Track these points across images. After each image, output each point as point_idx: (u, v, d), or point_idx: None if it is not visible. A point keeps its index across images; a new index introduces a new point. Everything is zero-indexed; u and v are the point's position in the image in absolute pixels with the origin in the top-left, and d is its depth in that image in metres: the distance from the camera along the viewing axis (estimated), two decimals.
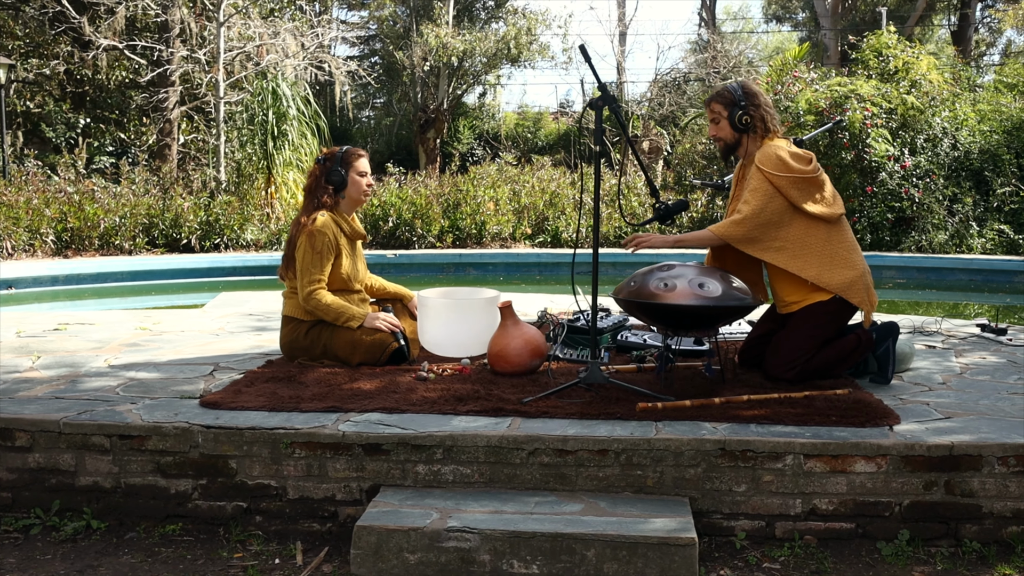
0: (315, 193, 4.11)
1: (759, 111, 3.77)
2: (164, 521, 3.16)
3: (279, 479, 3.10)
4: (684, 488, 3.00)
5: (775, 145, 3.72)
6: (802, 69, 13.48)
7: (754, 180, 3.71)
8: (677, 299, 3.39)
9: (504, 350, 3.75)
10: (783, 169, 3.64)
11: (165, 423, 3.14)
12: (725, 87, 3.85)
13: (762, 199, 3.65)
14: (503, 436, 3.01)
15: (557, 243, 12.35)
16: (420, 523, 2.74)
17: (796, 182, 3.64)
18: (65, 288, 9.85)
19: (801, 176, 3.64)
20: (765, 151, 3.70)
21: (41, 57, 17.83)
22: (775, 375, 3.69)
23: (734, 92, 3.80)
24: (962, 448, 2.94)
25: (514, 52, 24.40)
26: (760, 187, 3.67)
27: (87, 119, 18.00)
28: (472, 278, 11.35)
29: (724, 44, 27.00)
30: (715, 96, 3.84)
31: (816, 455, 2.96)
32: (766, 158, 3.67)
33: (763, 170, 3.67)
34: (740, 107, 3.76)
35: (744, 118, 3.76)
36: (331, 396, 3.44)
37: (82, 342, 4.73)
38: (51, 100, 17.91)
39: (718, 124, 3.85)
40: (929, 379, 3.91)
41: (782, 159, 3.65)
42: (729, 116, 3.79)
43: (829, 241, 3.70)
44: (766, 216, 3.65)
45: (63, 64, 17.04)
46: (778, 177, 3.64)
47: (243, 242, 11.36)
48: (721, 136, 3.85)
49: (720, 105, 3.81)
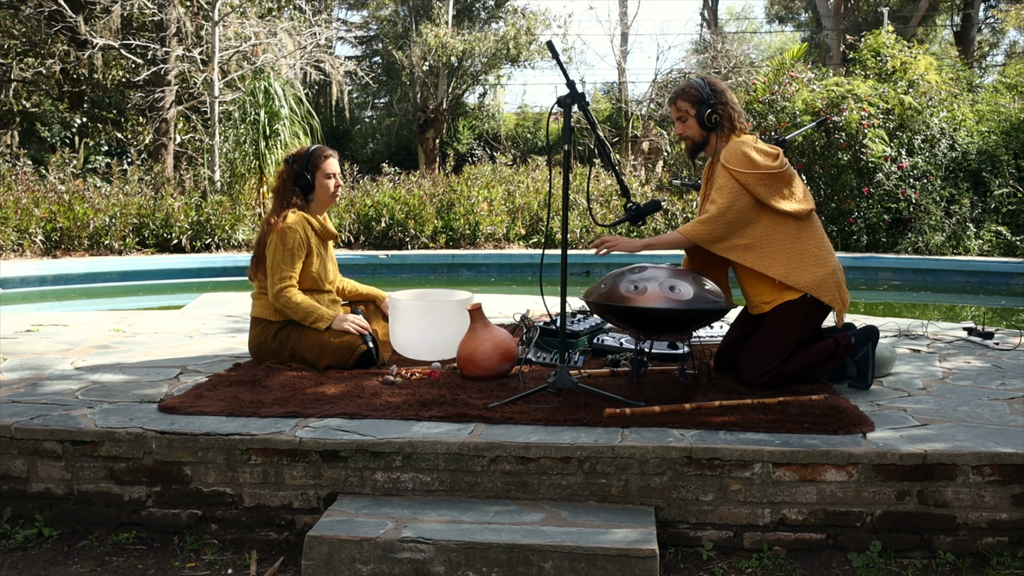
0: (283, 195, 4.03)
1: (727, 109, 3.70)
2: (118, 529, 3.08)
3: (235, 486, 3.02)
4: (650, 497, 2.91)
5: (741, 141, 3.63)
6: (799, 69, 13.39)
7: (720, 178, 3.63)
8: (647, 302, 3.30)
9: (473, 354, 3.67)
10: (749, 166, 3.56)
11: (118, 428, 3.06)
12: (690, 83, 3.74)
13: (728, 197, 3.58)
14: (463, 443, 2.93)
15: (552, 244, 12.25)
16: (374, 533, 2.66)
17: (762, 178, 3.56)
18: (53, 288, 9.77)
19: (767, 172, 3.57)
20: (730, 148, 3.62)
21: (38, 56, 17.77)
22: (749, 380, 3.61)
23: (701, 89, 3.70)
24: (936, 457, 2.85)
25: (513, 52, 24.30)
26: (726, 185, 3.59)
27: (83, 118, 17.94)
28: (465, 279, 11.27)
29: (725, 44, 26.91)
30: (681, 93, 3.74)
31: (785, 463, 2.87)
32: (731, 155, 3.60)
33: (728, 168, 3.59)
34: (708, 105, 3.68)
35: (713, 116, 3.68)
36: (293, 401, 3.36)
37: (52, 344, 4.65)
38: (47, 99, 17.85)
39: (685, 122, 3.75)
40: (910, 384, 3.82)
41: (747, 156, 3.57)
42: (697, 114, 3.70)
43: (798, 238, 3.62)
44: (733, 214, 3.57)
45: (59, 63, 16.97)
46: (744, 174, 3.56)
47: (234, 242, 11.29)
48: (688, 135, 3.76)
49: (687, 103, 3.72)
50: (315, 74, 17.40)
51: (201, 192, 12.10)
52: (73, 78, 18.28)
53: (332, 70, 17.87)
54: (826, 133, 12.32)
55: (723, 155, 3.62)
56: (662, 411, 3.22)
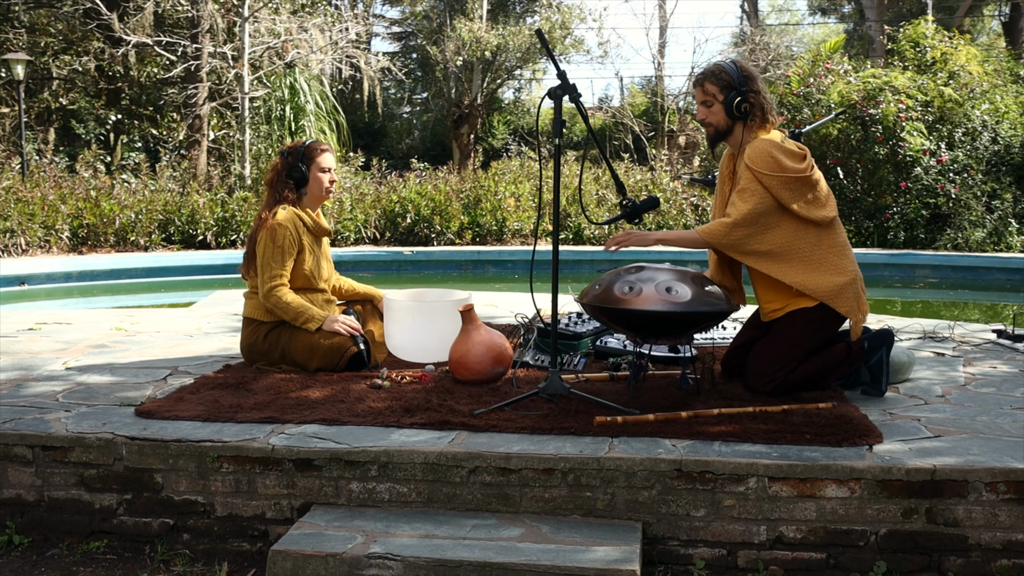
0: (276, 187, 3.92)
1: (759, 98, 3.43)
2: (89, 537, 2.98)
3: (207, 495, 2.91)
4: (637, 512, 2.74)
5: (768, 140, 3.39)
6: (836, 61, 13.05)
7: (743, 180, 3.41)
8: (643, 304, 3.13)
9: (464, 357, 3.53)
10: (775, 168, 3.33)
11: (89, 434, 2.96)
12: (720, 65, 3.46)
13: (751, 201, 3.36)
14: (441, 453, 2.79)
15: (579, 240, 12.08)
16: (340, 548, 2.52)
17: (788, 182, 3.34)
18: (78, 285, 9.80)
19: (794, 176, 3.34)
20: (757, 147, 3.37)
21: (74, 54, 17.94)
22: (754, 387, 3.42)
23: (732, 73, 3.42)
24: (945, 472, 2.65)
25: None
26: (749, 187, 3.37)
27: (119, 115, 18.08)
28: (491, 276, 11.14)
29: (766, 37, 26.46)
30: (709, 75, 3.45)
31: (782, 478, 2.69)
32: (758, 156, 3.36)
33: (753, 169, 3.36)
34: (739, 92, 3.40)
35: (743, 105, 3.41)
36: (273, 405, 3.23)
37: (50, 343, 4.59)
38: (83, 97, 18.01)
39: (710, 107, 3.47)
40: (928, 391, 3.60)
41: (775, 157, 3.33)
42: (725, 100, 3.42)
43: (819, 245, 3.40)
44: (754, 219, 3.36)
45: (93, 60, 17.11)
46: (768, 176, 3.33)
47: None
48: (712, 122, 3.48)
49: (715, 87, 3.43)
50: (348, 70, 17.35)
51: (228, 188, 12.08)
52: (108, 75, 18.43)
53: (364, 66, 17.82)
54: (862, 126, 12.00)
55: (748, 154, 3.38)
56: (656, 419, 3.05)
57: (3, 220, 10.08)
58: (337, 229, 11.64)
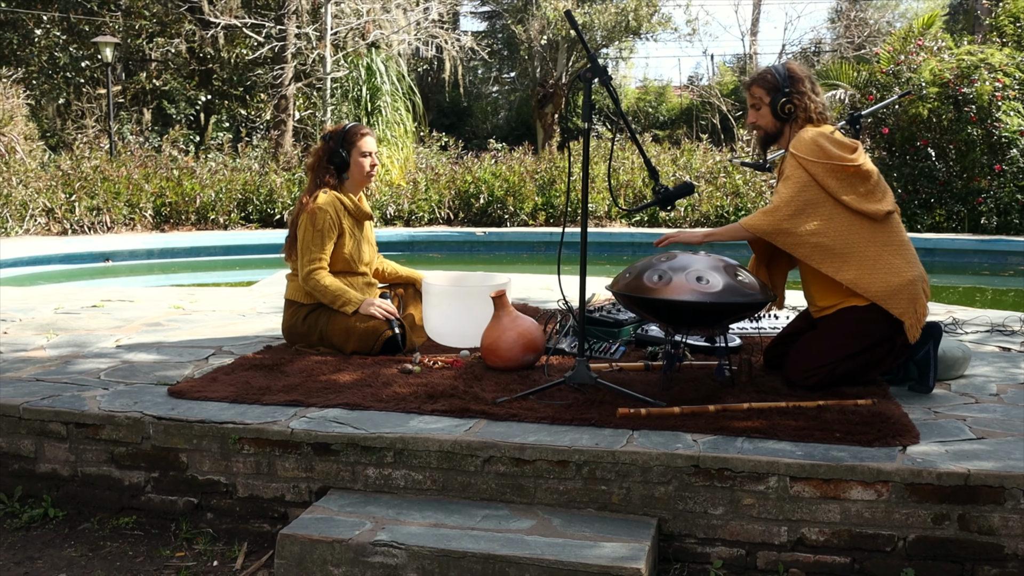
0: (318, 172, 3.94)
1: (803, 99, 3.37)
2: (119, 513, 3.05)
3: (229, 476, 2.95)
4: (653, 507, 2.67)
5: (815, 130, 3.30)
6: (929, 37, 12.50)
7: (787, 167, 3.33)
8: (672, 294, 3.04)
9: (495, 343, 3.49)
10: (819, 154, 3.23)
11: (119, 412, 3.03)
12: (768, 70, 3.45)
13: (794, 187, 3.26)
14: (456, 441, 2.76)
15: (655, 223, 11.90)
16: (348, 535, 2.53)
17: (833, 170, 3.23)
18: (159, 262, 10.11)
19: (840, 164, 3.22)
20: (800, 136, 3.31)
21: (168, 36, 18.45)
22: (794, 381, 3.30)
23: (778, 76, 3.39)
24: (980, 477, 2.51)
25: (634, 24, 23.76)
26: (793, 174, 3.28)
27: (208, 96, 18.54)
28: (565, 257, 11.04)
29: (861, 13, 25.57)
30: (757, 79, 3.45)
31: (804, 478, 2.58)
32: (800, 143, 3.28)
33: (796, 155, 3.28)
34: (783, 93, 3.36)
35: (787, 106, 3.37)
36: (300, 388, 3.26)
37: (109, 320, 4.72)
38: (177, 78, 18.52)
39: (758, 111, 3.45)
40: (981, 389, 3.42)
41: (818, 143, 3.25)
42: (771, 103, 3.39)
43: (872, 241, 3.26)
44: (797, 206, 3.25)
45: (184, 43, 17.57)
46: (812, 163, 3.23)
47: None
48: (761, 124, 3.46)
49: (762, 90, 3.41)
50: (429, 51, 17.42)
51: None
52: (199, 57, 18.91)
53: (447, 46, 17.85)
54: (955, 106, 11.48)
55: (792, 143, 3.32)
56: (682, 412, 2.96)
57: (90, 198, 10.44)
58: (411, 209, 11.72)
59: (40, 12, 18.21)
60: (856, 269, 3.24)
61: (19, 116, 10.39)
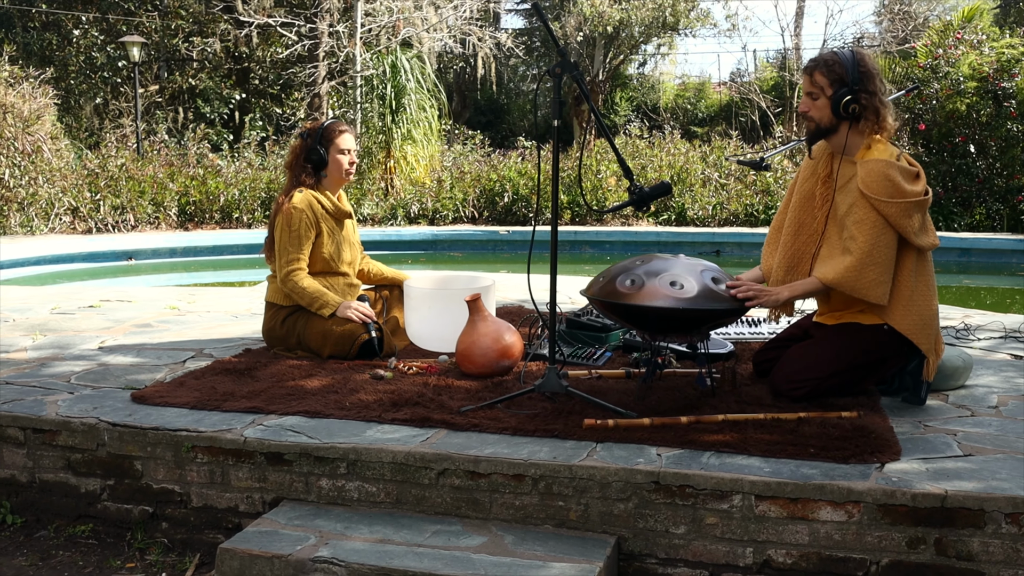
0: (295, 171, 3.85)
1: (873, 100, 2.97)
2: (76, 521, 2.99)
3: (183, 485, 2.87)
4: (613, 525, 2.54)
5: (884, 162, 2.94)
6: (970, 30, 12.12)
7: (860, 209, 2.97)
8: (644, 299, 2.90)
9: (469, 349, 3.37)
10: (893, 194, 2.91)
11: (75, 418, 2.96)
12: (836, 56, 3.02)
13: (871, 233, 2.94)
14: (409, 452, 2.65)
15: (682, 221, 11.69)
16: (288, 550, 2.43)
17: (907, 209, 2.92)
18: (183, 260, 10.14)
19: (913, 202, 2.93)
20: (871, 169, 2.94)
21: (203, 36, 18.59)
22: (780, 391, 3.13)
23: (847, 66, 2.98)
24: (959, 499, 2.34)
25: (671, 20, 23.48)
26: (867, 218, 2.95)
27: (243, 95, 18.64)
28: (588, 256, 10.92)
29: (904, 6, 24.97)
30: (820, 64, 3.02)
31: (770, 496, 2.43)
32: (873, 180, 2.93)
33: (869, 197, 2.94)
34: (850, 90, 2.97)
35: (852, 105, 2.97)
36: (264, 394, 3.17)
37: (101, 321, 4.69)
38: (210, 77, 18.65)
39: (815, 100, 3.04)
40: (980, 401, 3.23)
41: (892, 180, 2.91)
42: (833, 96, 2.99)
43: (916, 273, 3.02)
44: (880, 253, 2.94)
45: (218, 42, 17.69)
46: (886, 204, 2.91)
47: (360, 216, 11.36)
48: (815, 116, 3.05)
49: (825, 79, 3.01)
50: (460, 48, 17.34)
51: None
52: (235, 56, 19.03)
53: (480, 44, 17.77)
54: (994, 101, 11.12)
55: (862, 176, 2.96)
56: (652, 424, 2.82)
57: (115, 196, 10.51)
58: (436, 208, 11.65)
59: (80, 13, 18.45)
60: (895, 302, 3.01)
61: (47, 116, 10.47)
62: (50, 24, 18.74)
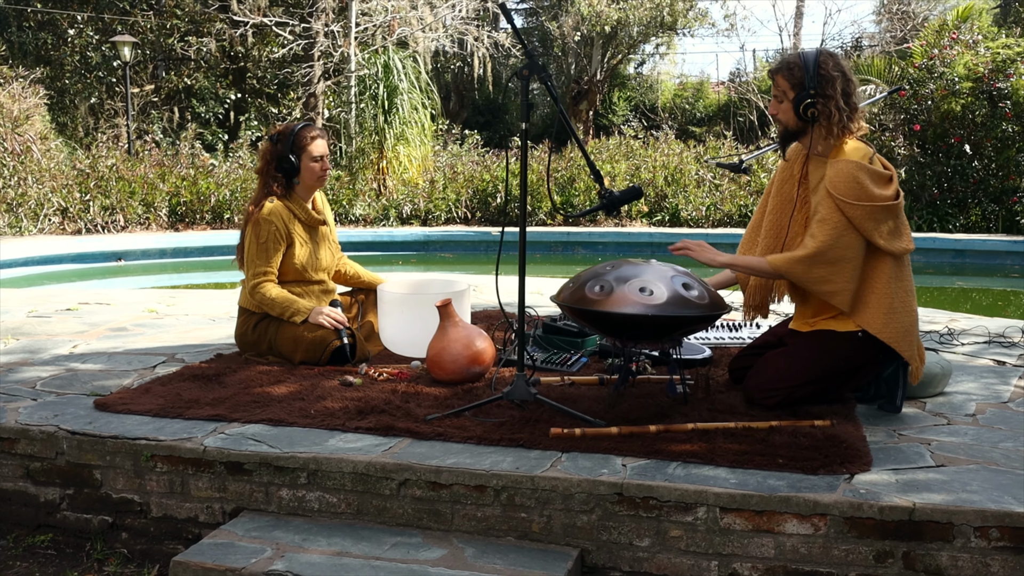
0: (265, 179, 3.79)
1: (830, 104, 2.95)
2: (36, 530, 2.94)
3: (142, 494, 2.82)
4: (576, 537, 2.49)
5: (853, 163, 2.91)
6: (965, 30, 12.06)
7: (824, 208, 2.94)
8: (612, 306, 2.85)
9: (439, 355, 3.32)
10: (860, 196, 2.88)
11: (33, 426, 2.91)
12: (798, 58, 3.00)
13: (831, 233, 2.91)
14: (370, 463, 2.60)
15: (676, 222, 11.64)
16: (242, 563, 2.38)
17: (873, 212, 2.89)
18: (172, 261, 10.09)
19: (881, 206, 2.90)
20: (840, 170, 2.92)
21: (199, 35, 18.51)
22: (753, 399, 3.08)
23: (806, 71, 2.97)
24: (927, 512, 2.29)
25: (669, 19, 23.41)
26: (830, 218, 2.92)
27: (238, 94, 18.59)
28: (580, 258, 10.87)
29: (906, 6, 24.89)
30: (783, 67, 3.03)
31: (735, 509, 2.38)
32: (841, 181, 2.90)
33: (835, 197, 2.91)
34: (807, 93, 2.96)
35: (810, 110, 2.97)
36: (229, 402, 3.12)
37: (76, 325, 4.64)
38: (205, 77, 18.59)
39: (780, 104, 3.06)
40: (958, 408, 3.17)
41: (860, 183, 2.88)
42: (795, 99, 2.99)
43: (895, 279, 2.97)
44: (836, 253, 2.91)
45: (214, 41, 17.63)
46: (852, 206, 2.89)
47: (352, 217, 11.31)
48: (782, 119, 3.07)
49: (786, 82, 3.01)
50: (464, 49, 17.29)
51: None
52: (230, 55, 18.96)
53: (476, 43, 17.71)
54: (989, 101, 11.06)
55: (829, 176, 2.94)
56: (620, 433, 2.77)
57: (104, 197, 10.45)
58: (428, 208, 11.60)
59: (76, 12, 18.39)
60: (875, 310, 2.95)
61: (36, 116, 10.41)
62: (45, 23, 18.68)
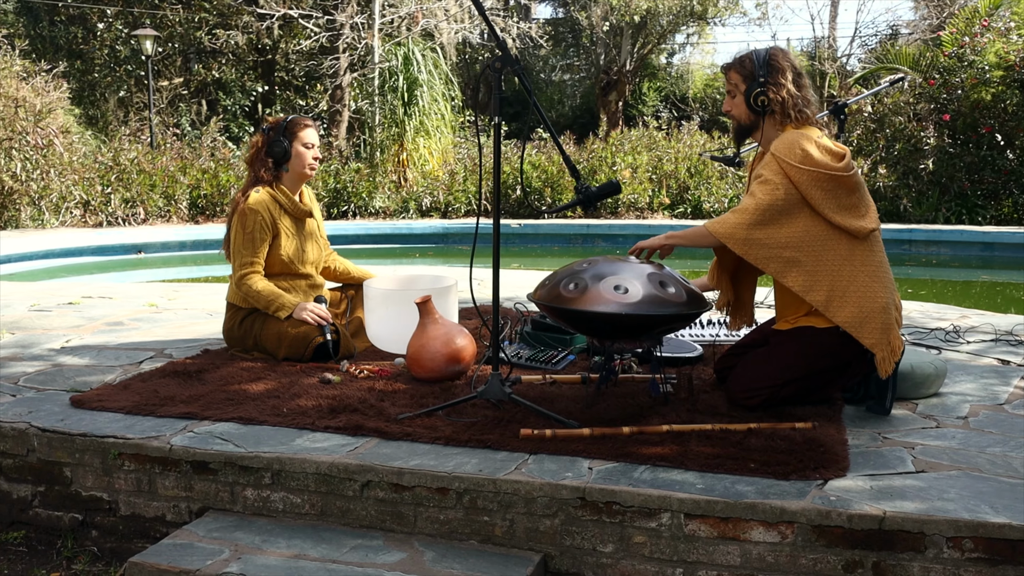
0: (254, 166, 3.76)
1: (779, 93, 2.98)
2: (9, 527, 2.93)
3: (111, 492, 2.80)
4: (539, 542, 2.43)
5: (799, 132, 2.94)
6: (997, 17, 11.77)
7: (766, 170, 2.94)
8: (587, 304, 2.78)
9: (418, 353, 3.27)
10: (804, 160, 2.86)
11: (5, 423, 2.91)
12: (748, 55, 3.06)
13: (771, 193, 2.89)
14: (333, 463, 2.56)
15: (698, 214, 11.50)
16: (198, 565, 2.35)
17: (819, 179, 2.86)
18: (192, 253, 10.14)
19: (827, 173, 2.85)
20: (785, 137, 2.95)
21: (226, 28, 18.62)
22: (736, 399, 3.00)
23: (755, 63, 3.02)
24: (897, 521, 2.20)
25: (700, 9, 23.15)
26: (772, 179, 2.90)
27: (265, 87, 18.67)
28: (600, 251, 10.78)
29: None
30: (734, 64, 3.08)
31: (700, 515, 2.31)
32: (784, 145, 2.92)
33: (777, 157, 2.90)
34: (758, 84, 2.99)
35: (761, 98, 3.00)
36: (203, 399, 3.09)
37: (73, 319, 4.65)
38: (232, 69, 18.69)
39: (733, 98, 3.09)
40: (951, 410, 3.07)
41: (803, 147, 2.88)
42: (746, 92, 3.03)
43: (849, 260, 2.90)
44: (772, 213, 2.89)
45: (241, 34, 17.71)
46: (795, 169, 2.86)
47: (371, 210, 11.31)
48: (735, 114, 3.09)
49: (738, 76, 3.05)
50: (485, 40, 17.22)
51: (343, 159, 12.21)
52: (258, 48, 19.06)
53: (503, 33, 17.63)
54: (1021, 90, 10.79)
55: (774, 144, 2.96)
56: (592, 435, 2.71)
57: (125, 190, 10.53)
58: (448, 201, 11.57)
59: (105, 7, 18.58)
60: (827, 291, 2.88)
61: (59, 109, 10.51)
62: (76, 18, 18.90)
